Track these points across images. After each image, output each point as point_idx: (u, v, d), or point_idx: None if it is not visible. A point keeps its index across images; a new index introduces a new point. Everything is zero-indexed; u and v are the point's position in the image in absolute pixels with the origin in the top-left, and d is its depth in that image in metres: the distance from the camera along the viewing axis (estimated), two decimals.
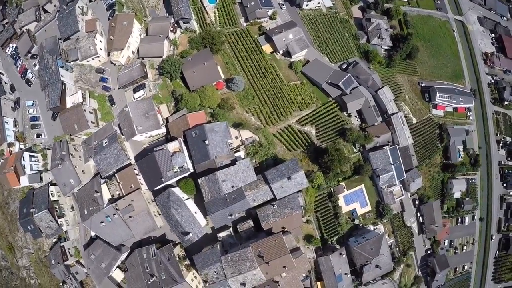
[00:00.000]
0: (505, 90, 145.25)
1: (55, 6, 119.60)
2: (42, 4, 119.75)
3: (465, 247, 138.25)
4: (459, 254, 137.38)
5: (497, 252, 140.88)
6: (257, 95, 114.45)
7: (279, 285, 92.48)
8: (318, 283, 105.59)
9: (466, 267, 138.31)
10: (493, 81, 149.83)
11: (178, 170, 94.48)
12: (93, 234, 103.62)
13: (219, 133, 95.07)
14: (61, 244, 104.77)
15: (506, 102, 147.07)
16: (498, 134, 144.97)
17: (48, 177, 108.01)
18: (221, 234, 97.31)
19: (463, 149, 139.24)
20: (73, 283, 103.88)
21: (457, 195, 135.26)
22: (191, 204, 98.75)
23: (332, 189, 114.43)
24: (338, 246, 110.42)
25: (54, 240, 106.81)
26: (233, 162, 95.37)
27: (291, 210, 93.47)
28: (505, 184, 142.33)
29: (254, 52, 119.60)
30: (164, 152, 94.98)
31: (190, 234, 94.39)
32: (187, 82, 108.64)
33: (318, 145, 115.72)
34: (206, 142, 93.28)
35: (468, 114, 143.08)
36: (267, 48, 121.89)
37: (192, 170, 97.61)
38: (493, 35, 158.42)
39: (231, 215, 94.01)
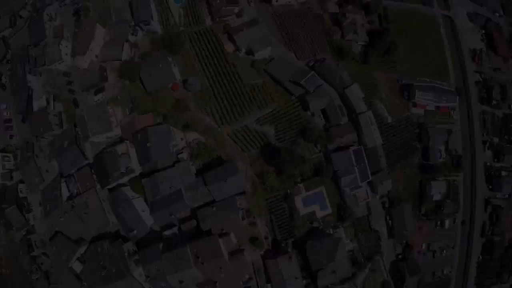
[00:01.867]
0: (494, 89, 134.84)
1: (29, 11, 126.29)
2: (17, 10, 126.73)
3: (444, 251, 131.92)
4: (438, 258, 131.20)
5: (480, 256, 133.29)
6: (215, 95, 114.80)
7: (217, 285, 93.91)
8: (268, 285, 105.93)
9: (445, 272, 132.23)
10: (481, 80, 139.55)
11: (124, 171, 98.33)
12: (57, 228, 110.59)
13: (162, 136, 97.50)
14: (28, 237, 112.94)
15: (494, 102, 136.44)
16: (485, 134, 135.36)
17: (18, 175, 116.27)
18: (166, 232, 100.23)
19: (445, 150, 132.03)
20: (39, 272, 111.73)
21: (437, 197, 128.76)
22: (140, 203, 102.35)
23: (288, 191, 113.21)
24: (290, 249, 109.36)
25: (24, 233, 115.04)
26: (175, 164, 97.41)
27: (230, 212, 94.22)
28: (490, 187, 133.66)
29: (215, 52, 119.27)
30: (112, 154, 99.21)
31: (135, 231, 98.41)
32: (144, 84, 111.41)
33: (276, 145, 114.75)
34: (148, 144, 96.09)
35: (452, 113, 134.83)
36: (229, 47, 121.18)
37: (140, 171, 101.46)
38: (483, 31, 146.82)
39: (171, 215, 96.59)
